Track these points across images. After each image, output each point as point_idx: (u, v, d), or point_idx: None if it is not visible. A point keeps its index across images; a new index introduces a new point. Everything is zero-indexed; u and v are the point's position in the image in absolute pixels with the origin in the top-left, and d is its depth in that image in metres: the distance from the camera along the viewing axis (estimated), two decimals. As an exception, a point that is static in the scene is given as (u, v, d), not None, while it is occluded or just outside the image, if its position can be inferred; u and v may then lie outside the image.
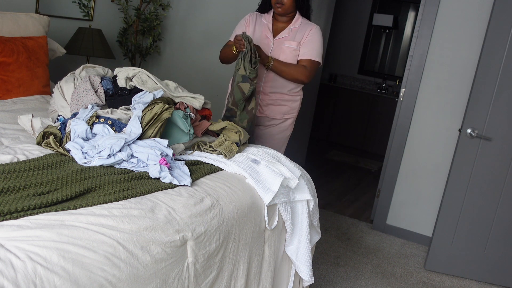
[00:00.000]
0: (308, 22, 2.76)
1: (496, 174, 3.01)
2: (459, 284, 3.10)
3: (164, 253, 1.36)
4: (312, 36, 2.69)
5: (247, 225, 1.75)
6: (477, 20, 3.23)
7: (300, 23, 2.73)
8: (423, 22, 3.40)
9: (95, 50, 3.51)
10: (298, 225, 2.02)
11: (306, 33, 2.69)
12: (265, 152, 2.10)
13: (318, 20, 4.40)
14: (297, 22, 2.73)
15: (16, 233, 1.18)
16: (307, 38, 2.69)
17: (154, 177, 1.67)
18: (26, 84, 2.47)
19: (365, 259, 3.21)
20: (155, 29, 4.08)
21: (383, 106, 6.29)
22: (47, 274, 1.09)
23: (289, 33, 2.71)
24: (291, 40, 2.70)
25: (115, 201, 1.44)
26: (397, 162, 3.63)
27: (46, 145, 1.78)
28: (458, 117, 3.35)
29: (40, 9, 3.30)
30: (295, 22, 2.73)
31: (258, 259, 1.85)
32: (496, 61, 2.87)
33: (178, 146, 1.94)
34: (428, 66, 3.43)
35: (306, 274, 2.05)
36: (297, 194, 2.01)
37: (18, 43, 2.54)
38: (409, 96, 3.52)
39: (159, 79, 2.19)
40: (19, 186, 1.40)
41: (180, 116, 1.96)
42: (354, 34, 6.80)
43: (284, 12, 2.67)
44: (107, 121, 1.87)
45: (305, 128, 4.78)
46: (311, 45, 2.69)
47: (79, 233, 1.24)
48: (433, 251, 3.17)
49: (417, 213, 3.60)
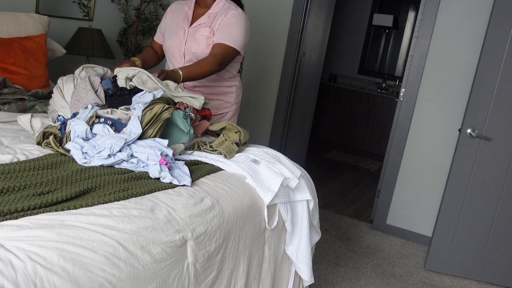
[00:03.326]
0: (230, 6, 2.41)
1: (496, 174, 3.01)
2: (459, 284, 3.10)
3: (164, 253, 1.36)
4: (229, 20, 2.35)
5: (247, 225, 1.75)
6: (477, 20, 3.23)
7: (222, 7, 2.41)
8: (423, 22, 3.40)
9: (95, 50, 3.51)
10: (298, 225, 2.02)
11: (222, 17, 2.37)
12: (265, 152, 2.10)
13: (318, 20, 4.41)
14: (217, 5, 2.41)
15: (16, 233, 1.18)
16: (222, 22, 2.36)
17: (154, 177, 1.67)
18: (24, 85, 2.47)
19: (365, 259, 3.21)
20: (155, 29, 4.08)
21: (383, 106, 6.29)
22: (47, 274, 1.09)
23: (207, 19, 2.41)
24: (206, 26, 2.39)
25: (115, 201, 1.44)
26: (397, 162, 3.63)
27: (46, 145, 1.78)
28: (458, 117, 3.35)
29: (40, 9, 3.30)
30: (215, 6, 2.40)
31: (258, 259, 1.86)
32: (496, 61, 2.87)
33: (178, 146, 1.94)
34: (428, 66, 3.44)
35: (306, 274, 2.05)
36: (297, 194, 2.00)
37: (15, 45, 2.54)
38: (409, 96, 3.52)
39: (159, 79, 2.18)
40: (19, 186, 1.40)
41: (180, 116, 1.96)
42: (354, 34, 6.80)
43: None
44: (107, 121, 1.87)
45: (305, 128, 4.78)
46: (225, 30, 2.35)
47: (79, 233, 1.24)
48: (433, 251, 3.17)
49: (417, 213, 3.61)
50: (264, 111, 4.13)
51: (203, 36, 2.41)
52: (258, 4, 3.91)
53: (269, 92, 4.08)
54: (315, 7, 4.22)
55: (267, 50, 4.04)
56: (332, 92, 6.60)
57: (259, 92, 4.11)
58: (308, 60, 4.44)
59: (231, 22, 2.36)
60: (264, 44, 4.02)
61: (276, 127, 4.11)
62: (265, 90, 4.09)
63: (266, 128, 4.14)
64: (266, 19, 3.92)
